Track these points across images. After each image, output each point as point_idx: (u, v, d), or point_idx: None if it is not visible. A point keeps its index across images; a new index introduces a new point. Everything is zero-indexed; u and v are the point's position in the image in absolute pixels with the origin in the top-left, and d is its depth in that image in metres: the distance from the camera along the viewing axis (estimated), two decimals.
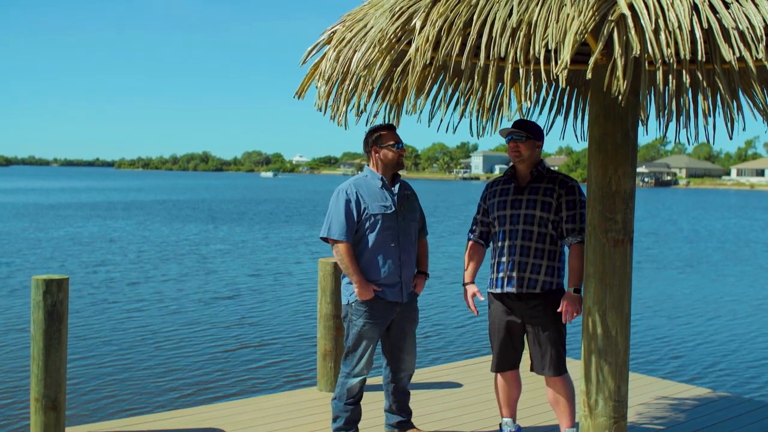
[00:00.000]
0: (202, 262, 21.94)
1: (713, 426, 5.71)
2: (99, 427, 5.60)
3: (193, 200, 61.50)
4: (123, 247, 25.31)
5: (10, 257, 21.87)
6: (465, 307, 4.99)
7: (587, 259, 3.95)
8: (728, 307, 16.34)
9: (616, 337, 3.88)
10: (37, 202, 54.27)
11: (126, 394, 9.07)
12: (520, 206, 4.74)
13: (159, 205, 52.47)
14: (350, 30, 3.75)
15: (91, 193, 71.64)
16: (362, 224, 4.89)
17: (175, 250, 25.06)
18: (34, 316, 5.04)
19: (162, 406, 8.45)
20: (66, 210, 45.36)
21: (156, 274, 19.07)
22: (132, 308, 14.42)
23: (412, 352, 5.16)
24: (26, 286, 16.65)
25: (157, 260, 21.99)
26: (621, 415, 3.95)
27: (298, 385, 9.07)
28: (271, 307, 14.99)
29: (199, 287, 17.21)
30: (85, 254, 23.11)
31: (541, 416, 5.76)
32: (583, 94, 5.16)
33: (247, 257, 23.37)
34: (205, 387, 9.44)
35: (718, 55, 3.00)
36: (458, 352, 11.42)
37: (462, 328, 13.13)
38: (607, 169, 3.82)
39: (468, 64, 3.21)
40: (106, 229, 32.43)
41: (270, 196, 71.79)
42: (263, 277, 19.12)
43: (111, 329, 12.53)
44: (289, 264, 21.95)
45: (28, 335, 5.26)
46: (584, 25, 2.93)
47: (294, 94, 4.16)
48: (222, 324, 13.23)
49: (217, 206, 53.04)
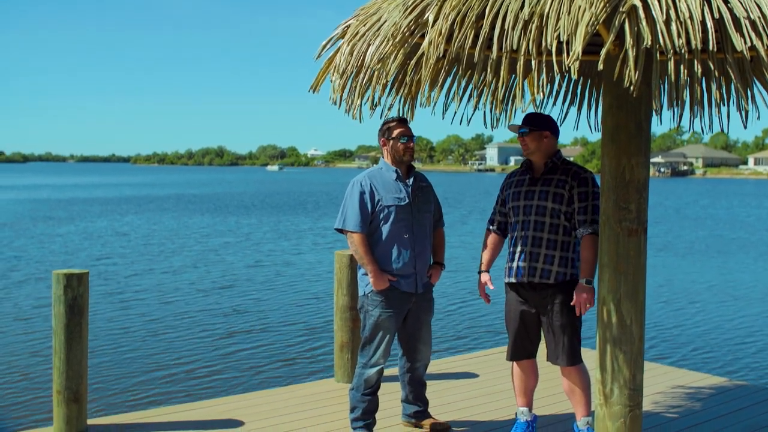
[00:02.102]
0: (218, 255, 22.06)
1: (729, 415, 5.72)
2: (120, 418, 5.68)
3: (207, 195, 61.72)
4: (138, 241, 25.48)
5: (31, 252, 22.08)
6: (481, 299, 5.05)
7: (601, 248, 3.97)
8: (742, 294, 16.30)
9: (630, 326, 3.90)
10: (52, 197, 54.64)
11: (146, 386, 9.17)
12: (533, 197, 4.77)
13: (174, 200, 52.72)
14: (364, 24, 3.78)
15: (107, 189, 72.02)
16: (376, 216, 4.94)
17: (189, 243, 25.20)
18: (55, 310, 5.12)
19: (182, 397, 8.54)
20: (81, 205, 45.65)
21: (174, 268, 19.20)
22: (151, 302, 14.54)
23: (428, 342, 5.21)
24: (38, 279, 16.85)
25: (174, 254, 22.12)
26: (636, 403, 3.97)
27: (315, 377, 9.14)
28: (289, 299, 15.08)
29: (216, 280, 17.32)
30: (99, 248, 23.28)
31: (558, 405, 5.79)
32: (596, 84, 5.17)
33: (263, 250, 23.47)
34: (224, 379, 9.54)
35: (729, 45, 3.01)
36: (474, 342, 11.47)
37: (479, 318, 13.16)
38: (621, 159, 3.85)
39: (481, 56, 3.24)
40: (120, 223, 32.65)
41: (282, 189, 71.94)
42: (280, 269, 19.21)
43: (130, 322, 12.65)
44: (305, 255, 22.04)
45: (49, 329, 5.35)
46: (596, 17, 2.96)
47: (309, 88, 4.20)
48: (240, 316, 13.33)
49: (230, 200, 53.24)
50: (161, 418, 5.57)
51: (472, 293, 15.02)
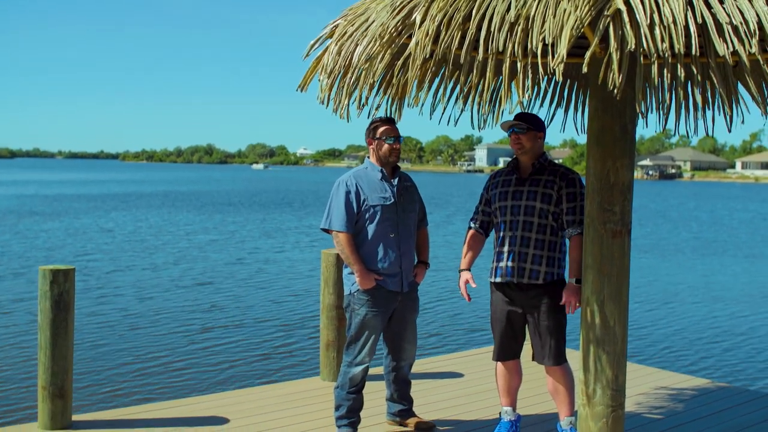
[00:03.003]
0: (202, 252, 22.02)
1: (712, 416, 5.77)
2: (105, 414, 5.67)
3: (194, 192, 61.57)
4: (122, 238, 25.41)
5: (14, 247, 21.99)
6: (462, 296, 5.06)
7: (586, 250, 4.00)
8: (725, 295, 16.40)
9: (614, 327, 3.93)
10: (39, 193, 54.38)
11: (131, 383, 9.16)
12: (521, 197, 4.80)
13: (163, 197, 52.58)
14: (352, 24, 3.80)
15: (94, 185, 71.72)
16: (362, 215, 4.95)
17: (175, 240, 25.14)
18: (41, 306, 5.12)
19: (167, 394, 8.53)
20: (68, 202, 45.46)
21: (157, 265, 19.15)
22: (136, 298, 14.50)
23: (413, 341, 5.23)
24: (23, 274, 16.77)
25: (158, 251, 22.07)
26: (619, 404, 4.00)
27: (300, 375, 9.15)
28: (274, 297, 15.08)
29: (198, 277, 17.30)
30: (83, 244, 23.20)
31: (541, 405, 5.83)
32: (583, 87, 5.21)
33: (248, 248, 23.45)
34: (209, 376, 9.53)
35: (712, 50, 3.05)
36: (459, 342, 11.50)
37: (463, 318, 13.20)
38: (606, 161, 3.88)
39: (467, 57, 3.27)
40: (104, 220, 32.54)
41: (270, 188, 71.86)
42: (265, 267, 19.21)
43: (114, 319, 12.63)
44: (292, 254, 22.03)
45: (35, 325, 5.34)
46: (581, 20, 2.99)
47: (297, 87, 4.22)
48: (226, 314, 13.32)
49: (217, 198, 53.16)
50: (146, 415, 5.57)
51: (455, 293, 15.05)
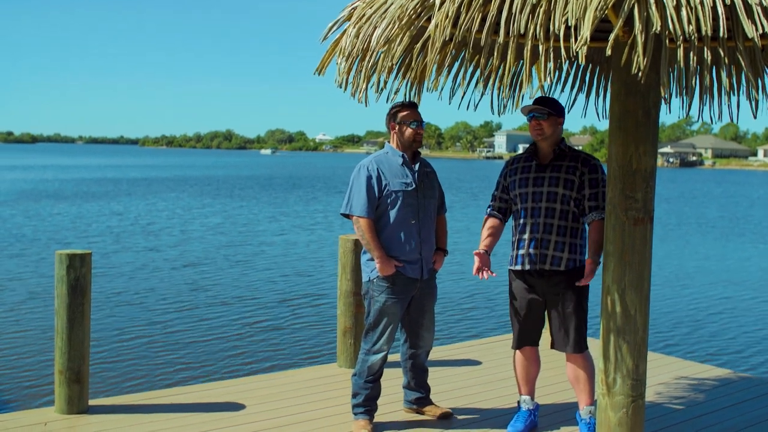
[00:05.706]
0: (222, 238, 22.07)
1: (733, 407, 5.69)
2: (121, 399, 5.68)
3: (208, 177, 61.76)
4: (141, 223, 25.52)
5: (35, 231, 22.13)
6: (484, 286, 5.01)
7: (607, 237, 3.93)
8: (750, 284, 16.23)
9: (634, 316, 3.87)
10: (58, 177, 54.74)
11: (148, 368, 9.19)
12: (543, 184, 4.73)
13: (185, 182, 52.79)
14: (370, 6, 3.74)
15: (113, 170, 72.10)
16: (383, 201, 4.89)
17: (193, 227, 25.22)
18: (57, 291, 5.11)
19: (183, 380, 8.55)
20: (90, 186, 45.74)
21: (176, 250, 19.22)
22: (153, 284, 14.55)
23: (431, 328, 5.18)
24: (43, 259, 16.86)
25: (178, 237, 22.15)
26: (639, 393, 3.94)
27: (317, 362, 9.14)
28: (292, 283, 15.08)
29: (219, 264, 17.34)
30: (104, 229, 23.34)
31: (559, 395, 5.77)
32: (605, 71, 5.11)
33: (267, 234, 23.48)
34: (226, 362, 9.55)
35: (740, 32, 2.96)
36: (476, 329, 11.45)
37: (480, 306, 13.13)
38: (628, 147, 3.80)
39: (488, 41, 3.20)
40: (114, 204, 32.71)
41: (287, 173, 71.95)
42: (283, 253, 19.22)
43: (132, 304, 12.68)
44: (309, 240, 22.03)
45: (52, 309, 5.34)
46: (605, 1, 2.91)
47: (314, 71, 4.16)
48: (242, 300, 13.34)
49: (236, 183, 53.32)
50: (163, 400, 5.56)
51: (473, 280, 15.00)
